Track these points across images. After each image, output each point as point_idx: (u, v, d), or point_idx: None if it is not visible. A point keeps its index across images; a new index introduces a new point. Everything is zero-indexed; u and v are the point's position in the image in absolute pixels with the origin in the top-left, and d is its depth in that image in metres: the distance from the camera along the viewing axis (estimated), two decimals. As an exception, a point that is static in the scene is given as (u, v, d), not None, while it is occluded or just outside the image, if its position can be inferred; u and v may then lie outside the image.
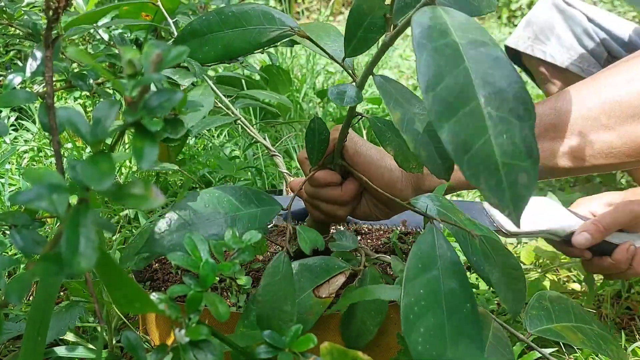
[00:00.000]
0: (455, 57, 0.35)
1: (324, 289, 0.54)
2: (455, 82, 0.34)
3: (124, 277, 0.33)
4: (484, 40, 0.37)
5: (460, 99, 0.34)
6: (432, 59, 0.35)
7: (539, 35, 1.32)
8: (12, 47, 1.69)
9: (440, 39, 0.36)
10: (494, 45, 0.37)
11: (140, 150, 0.28)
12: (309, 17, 3.72)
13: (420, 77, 0.35)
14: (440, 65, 0.35)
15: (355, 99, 0.48)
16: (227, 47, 0.55)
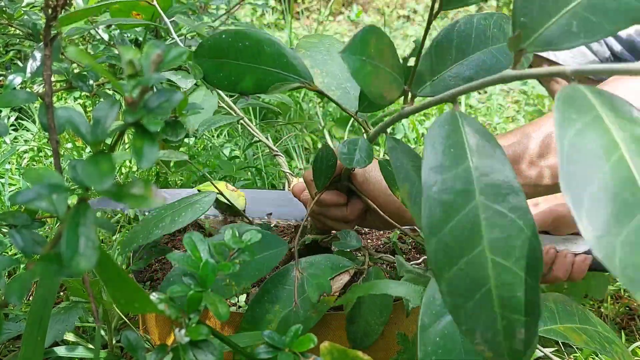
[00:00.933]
0: (467, 193, 0.31)
1: (328, 287, 0.54)
2: (462, 224, 0.31)
3: (124, 277, 0.33)
4: (499, 167, 0.33)
5: (465, 245, 0.30)
6: (439, 196, 0.31)
7: None
8: (12, 47, 1.69)
9: (453, 167, 0.32)
10: (509, 170, 0.33)
11: (140, 150, 0.28)
12: (309, 17, 3.72)
13: (424, 219, 0.31)
14: (448, 205, 0.31)
15: (365, 157, 0.46)
16: (239, 81, 0.52)
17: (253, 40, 0.52)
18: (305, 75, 0.52)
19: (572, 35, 0.33)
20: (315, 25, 2.97)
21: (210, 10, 1.17)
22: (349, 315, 0.56)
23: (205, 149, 1.44)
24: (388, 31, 3.17)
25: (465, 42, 0.45)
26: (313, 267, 0.55)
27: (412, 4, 3.61)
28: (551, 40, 0.33)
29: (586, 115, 0.28)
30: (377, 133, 0.49)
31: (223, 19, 1.16)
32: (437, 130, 0.34)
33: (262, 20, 3.31)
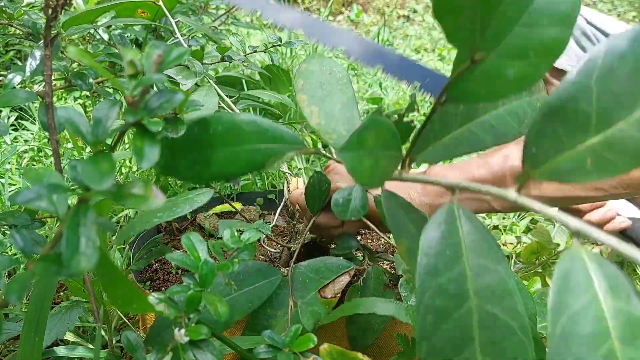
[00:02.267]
0: (461, 296, 0.31)
1: (329, 290, 0.54)
2: (454, 328, 0.30)
3: (122, 278, 0.33)
4: (495, 268, 0.32)
5: (457, 348, 0.30)
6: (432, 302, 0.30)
7: None
8: (11, 47, 1.69)
9: (447, 271, 0.31)
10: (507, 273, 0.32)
11: (140, 150, 0.28)
12: (309, 17, 3.71)
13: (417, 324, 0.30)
14: (440, 309, 0.30)
15: (360, 210, 0.45)
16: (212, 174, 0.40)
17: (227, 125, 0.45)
18: (295, 141, 0.44)
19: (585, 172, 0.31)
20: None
21: (210, 10, 1.17)
22: (350, 316, 0.56)
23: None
24: (388, 31, 3.16)
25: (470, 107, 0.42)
26: (312, 269, 0.55)
27: (412, 4, 3.61)
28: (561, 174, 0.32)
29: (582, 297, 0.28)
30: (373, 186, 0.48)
31: (223, 18, 1.16)
32: (433, 233, 0.33)
33: (262, 20, 3.31)
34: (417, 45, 3.01)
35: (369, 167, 0.36)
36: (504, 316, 0.31)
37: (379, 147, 0.37)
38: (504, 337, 0.31)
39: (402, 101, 2.04)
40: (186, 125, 0.35)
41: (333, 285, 0.55)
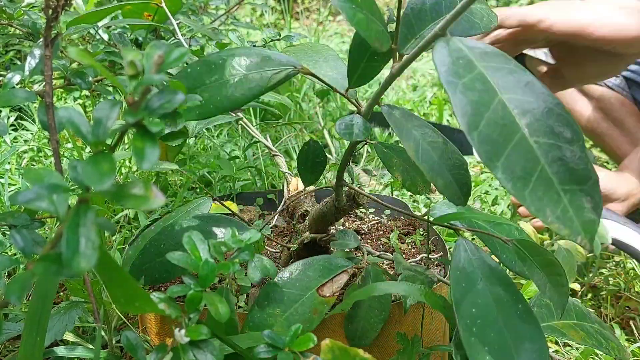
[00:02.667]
0: (488, 90, 0.35)
1: (327, 288, 0.54)
2: (495, 117, 0.34)
3: (124, 277, 0.33)
4: (510, 67, 0.36)
5: (505, 134, 0.33)
6: (465, 96, 0.34)
7: None
8: (11, 47, 1.69)
9: (467, 73, 0.36)
10: (521, 69, 0.36)
11: (141, 151, 0.28)
12: (309, 17, 3.72)
13: (460, 118, 0.34)
14: (475, 102, 0.34)
15: (363, 131, 0.48)
16: (227, 98, 0.49)
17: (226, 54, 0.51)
18: (294, 62, 0.52)
19: None
20: (315, 25, 2.96)
21: (210, 11, 1.17)
22: (348, 315, 0.56)
23: (205, 149, 1.44)
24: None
25: (437, 4, 0.50)
26: (311, 268, 0.55)
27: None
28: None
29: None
30: (371, 106, 0.50)
31: (222, 19, 1.16)
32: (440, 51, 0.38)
33: (262, 20, 3.31)
34: (417, 45, 3.01)
35: (363, 20, 0.42)
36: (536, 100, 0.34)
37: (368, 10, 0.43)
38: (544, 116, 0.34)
39: (402, 101, 2.05)
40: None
41: (332, 283, 0.54)
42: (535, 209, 0.32)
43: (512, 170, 0.32)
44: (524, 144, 0.33)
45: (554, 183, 0.32)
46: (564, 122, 0.34)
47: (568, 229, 0.32)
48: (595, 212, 0.33)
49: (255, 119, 1.55)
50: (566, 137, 0.34)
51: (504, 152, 0.33)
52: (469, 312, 0.41)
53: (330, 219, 0.65)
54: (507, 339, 0.40)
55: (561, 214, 0.32)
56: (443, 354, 0.66)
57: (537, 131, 0.33)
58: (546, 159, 0.33)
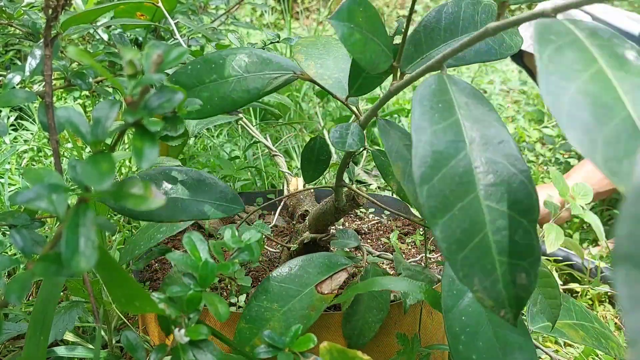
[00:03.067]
0: (458, 142, 0.32)
1: (326, 285, 0.54)
2: (454, 172, 0.31)
3: (124, 276, 0.33)
4: (489, 121, 0.34)
5: (458, 192, 0.31)
6: (430, 146, 0.32)
7: None
8: (11, 47, 1.69)
9: (442, 120, 0.33)
10: (500, 125, 0.34)
11: (140, 150, 0.28)
12: (309, 17, 3.72)
13: (415, 168, 0.32)
14: (439, 153, 0.32)
15: (357, 142, 0.46)
16: (225, 99, 0.48)
17: (226, 53, 0.50)
18: (294, 68, 0.52)
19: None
20: (315, 25, 2.96)
21: (210, 10, 1.17)
22: (346, 314, 0.56)
23: (205, 149, 1.44)
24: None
25: (454, 24, 0.47)
26: (310, 264, 0.55)
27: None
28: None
29: (565, 38, 0.29)
30: (369, 117, 0.49)
31: (222, 19, 1.16)
32: (424, 89, 0.35)
33: (262, 20, 3.31)
34: (417, 45, 3.01)
35: (360, 41, 0.39)
36: (504, 161, 0.32)
37: (369, 29, 0.40)
38: (505, 180, 0.32)
39: (401, 101, 2.04)
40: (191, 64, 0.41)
41: (331, 281, 0.54)
42: (463, 275, 0.31)
43: (453, 230, 0.31)
44: (475, 205, 0.31)
45: (492, 252, 0.31)
46: (524, 192, 0.32)
47: (493, 300, 0.30)
48: (527, 291, 0.31)
49: (255, 119, 1.55)
50: (521, 208, 0.32)
51: (450, 210, 0.31)
52: (459, 320, 0.41)
53: (330, 218, 0.65)
54: (496, 349, 0.40)
55: (490, 285, 0.31)
56: (443, 354, 0.66)
57: (492, 195, 0.31)
58: (492, 226, 0.31)
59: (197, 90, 0.48)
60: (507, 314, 0.31)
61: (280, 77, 0.49)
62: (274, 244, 0.78)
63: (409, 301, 0.54)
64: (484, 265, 0.30)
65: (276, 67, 0.50)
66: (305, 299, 0.53)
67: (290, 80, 0.50)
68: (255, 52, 0.51)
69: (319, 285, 0.54)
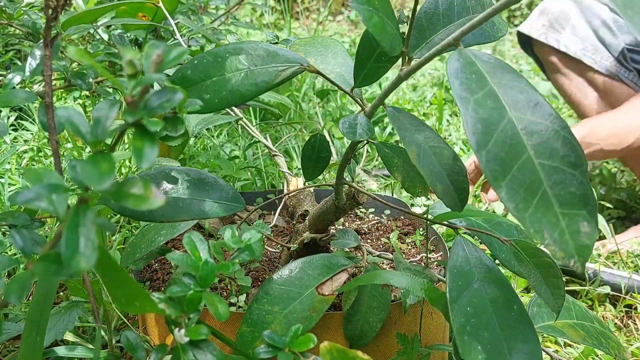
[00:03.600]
0: (499, 108, 0.35)
1: (327, 287, 0.54)
2: (504, 136, 0.34)
3: (124, 276, 0.33)
4: (521, 86, 0.37)
5: (512, 154, 0.34)
6: (476, 113, 0.35)
7: (554, 24, 1.28)
8: (11, 47, 1.69)
9: (479, 89, 0.36)
10: (531, 89, 0.37)
11: (140, 150, 0.28)
12: (309, 17, 3.72)
13: (470, 135, 0.35)
14: (486, 120, 0.35)
15: (367, 131, 0.48)
16: (233, 93, 0.49)
17: (233, 48, 0.51)
18: (300, 60, 0.52)
19: None
20: (315, 25, 2.96)
21: (210, 10, 1.17)
22: (347, 314, 0.56)
23: (205, 149, 1.44)
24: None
25: (450, 10, 0.50)
26: (310, 265, 0.55)
27: (412, 4, 3.60)
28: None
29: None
30: (375, 106, 0.50)
31: (222, 19, 1.16)
32: (453, 63, 0.38)
33: (262, 20, 3.31)
34: (417, 45, 3.01)
35: (379, 23, 0.43)
36: (543, 120, 0.35)
37: (384, 13, 0.43)
38: (550, 138, 0.35)
39: (401, 101, 2.04)
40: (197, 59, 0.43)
41: (331, 282, 0.54)
42: (534, 231, 0.33)
43: (516, 190, 0.33)
44: (530, 165, 0.34)
45: (554, 206, 0.33)
46: (569, 146, 0.35)
47: (563, 251, 0.33)
48: (590, 238, 0.33)
49: (255, 119, 1.55)
50: (570, 161, 0.34)
51: (509, 172, 0.33)
52: (464, 310, 0.41)
53: (330, 218, 0.65)
54: (501, 339, 0.40)
55: (558, 236, 0.33)
56: (443, 354, 0.66)
57: (542, 153, 0.34)
58: (549, 181, 0.33)
59: (204, 85, 0.49)
60: (575, 263, 0.33)
61: (287, 69, 0.50)
62: (274, 244, 0.78)
63: (409, 300, 0.54)
64: (549, 219, 0.33)
65: (283, 60, 0.51)
66: (306, 300, 0.53)
67: (297, 72, 0.51)
68: (261, 45, 0.51)
69: (319, 286, 0.54)
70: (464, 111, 0.35)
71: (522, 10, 3.90)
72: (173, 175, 0.51)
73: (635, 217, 1.30)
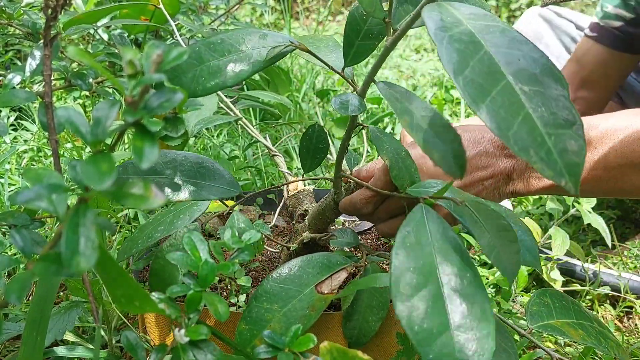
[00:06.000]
0: (474, 42, 0.36)
1: (326, 285, 0.54)
2: (480, 65, 0.35)
3: (124, 276, 0.33)
4: (497, 25, 0.38)
5: (490, 80, 0.34)
6: (452, 46, 0.36)
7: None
8: (11, 47, 1.69)
9: (454, 28, 0.37)
10: (507, 27, 0.38)
11: (140, 150, 0.28)
12: (308, 17, 3.72)
13: (446, 64, 0.35)
14: (461, 51, 0.35)
15: (359, 107, 0.49)
16: (228, 74, 0.51)
17: (225, 35, 0.53)
18: (291, 39, 0.54)
19: None
20: (315, 25, 2.97)
21: (210, 10, 1.17)
22: (346, 313, 0.56)
23: (205, 149, 1.44)
24: None
25: None
26: (310, 264, 0.55)
27: None
28: None
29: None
30: (367, 83, 0.51)
31: (222, 19, 1.16)
32: (429, 12, 0.39)
33: (262, 20, 3.31)
34: (417, 45, 3.02)
35: None
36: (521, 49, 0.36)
37: None
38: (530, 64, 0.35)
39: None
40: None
41: (330, 281, 0.54)
42: (519, 148, 0.32)
43: (497, 111, 0.33)
44: (509, 89, 0.34)
45: (538, 126, 0.33)
46: (549, 72, 0.35)
47: (552, 170, 0.32)
48: (579, 155, 0.33)
49: (255, 119, 1.55)
50: (551, 85, 0.34)
51: (488, 95, 0.34)
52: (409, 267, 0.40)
53: (330, 215, 0.65)
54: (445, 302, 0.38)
55: (545, 155, 0.33)
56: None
57: (522, 79, 0.34)
58: (531, 103, 0.33)
59: (198, 69, 0.51)
60: (568, 183, 0.32)
61: (278, 46, 0.52)
62: (274, 244, 0.78)
63: None
64: (534, 138, 0.33)
65: (274, 40, 0.53)
66: (306, 299, 0.52)
67: (288, 50, 0.52)
68: (252, 30, 0.53)
69: (318, 285, 0.54)
70: (439, 45, 0.36)
71: (523, 10, 3.90)
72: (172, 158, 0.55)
73: (634, 217, 1.31)
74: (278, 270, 0.54)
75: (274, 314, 0.51)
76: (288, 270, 0.55)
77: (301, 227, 0.70)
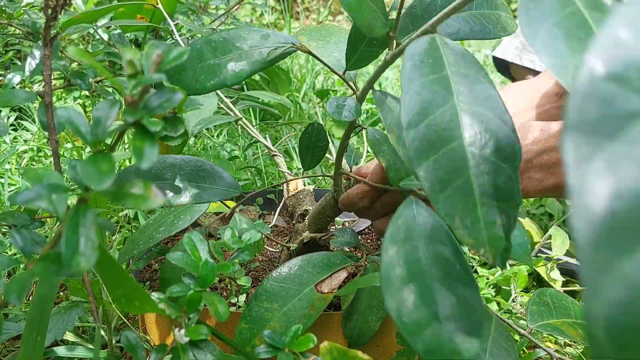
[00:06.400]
0: (445, 94, 0.34)
1: (326, 284, 0.54)
2: (441, 120, 0.33)
3: (124, 276, 0.33)
4: (478, 77, 0.36)
5: (443, 138, 0.33)
6: (418, 95, 0.34)
7: (526, 46, 1.33)
8: (11, 47, 1.69)
9: (431, 74, 0.35)
10: (488, 82, 0.36)
11: (140, 150, 0.28)
12: (309, 17, 3.72)
13: (403, 115, 0.34)
14: (427, 102, 0.34)
15: (354, 113, 0.48)
16: (228, 73, 0.51)
17: (227, 34, 0.53)
18: (293, 40, 0.54)
19: None
20: (315, 25, 2.96)
21: (210, 10, 1.17)
22: (346, 312, 0.56)
23: (205, 149, 1.44)
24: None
25: (447, 1, 0.50)
26: (310, 263, 0.55)
27: None
28: None
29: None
30: (365, 90, 0.50)
31: (222, 19, 1.16)
32: (416, 47, 0.37)
33: (262, 20, 3.31)
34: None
35: (358, 3, 0.43)
36: (489, 113, 0.34)
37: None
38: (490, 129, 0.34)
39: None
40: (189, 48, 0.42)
41: (330, 280, 0.54)
42: (445, 214, 0.32)
43: (437, 171, 0.32)
44: (459, 150, 0.33)
45: (475, 193, 0.32)
46: (508, 141, 0.34)
47: (473, 239, 0.32)
48: (507, 231, 0.32)
49: (255, 119, 1.55)
50: (504, 155, 0.33)
51: (435, 153, 0.33)
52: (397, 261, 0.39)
53: (330, 213, 0.65)
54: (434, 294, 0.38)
55: (470, 223, 0.32)
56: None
57: (477, 143, 0.33)
58: (476, 169, 0.33)
59: (199, 67, 0.51)
60: (486, 253, 0.32)
61: (279, 48, 0.51)
62: (274, 244, 0.78)
63: None
64: (465, 205, 0.32)
65: (275, 41, 0.53)
66: (305, 298, 0.52)
67: (289, 51, 0.52)
68: (253, 29, 0.53)
69: (318, 284, 0.54)
70: (405, 92, 0.34)
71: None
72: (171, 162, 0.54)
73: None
74: (278, 270, 0.54)
75: (274, 313, 0.51)
76: (288, 270, 0.55)
77: (301, 227, 0.70)
